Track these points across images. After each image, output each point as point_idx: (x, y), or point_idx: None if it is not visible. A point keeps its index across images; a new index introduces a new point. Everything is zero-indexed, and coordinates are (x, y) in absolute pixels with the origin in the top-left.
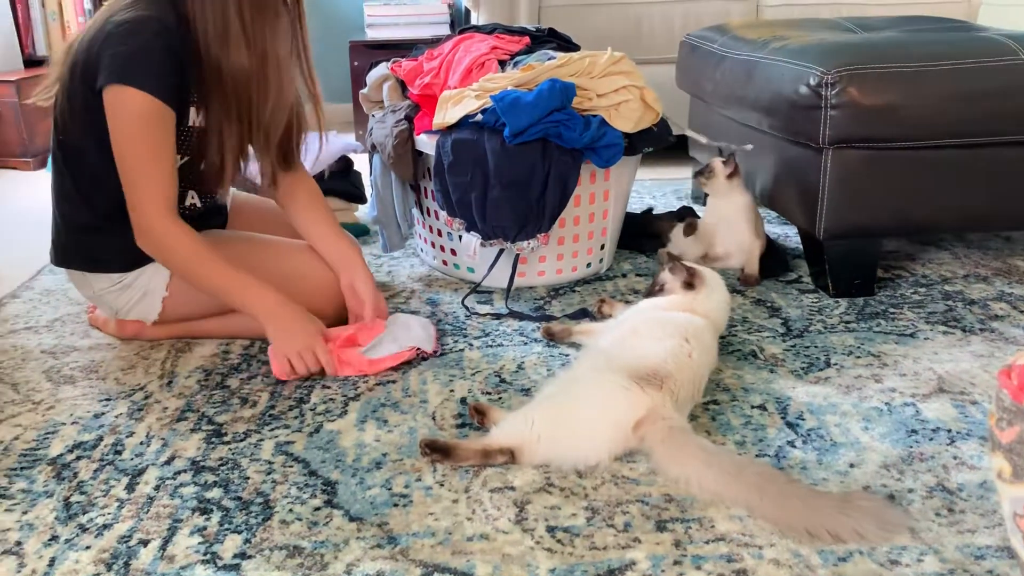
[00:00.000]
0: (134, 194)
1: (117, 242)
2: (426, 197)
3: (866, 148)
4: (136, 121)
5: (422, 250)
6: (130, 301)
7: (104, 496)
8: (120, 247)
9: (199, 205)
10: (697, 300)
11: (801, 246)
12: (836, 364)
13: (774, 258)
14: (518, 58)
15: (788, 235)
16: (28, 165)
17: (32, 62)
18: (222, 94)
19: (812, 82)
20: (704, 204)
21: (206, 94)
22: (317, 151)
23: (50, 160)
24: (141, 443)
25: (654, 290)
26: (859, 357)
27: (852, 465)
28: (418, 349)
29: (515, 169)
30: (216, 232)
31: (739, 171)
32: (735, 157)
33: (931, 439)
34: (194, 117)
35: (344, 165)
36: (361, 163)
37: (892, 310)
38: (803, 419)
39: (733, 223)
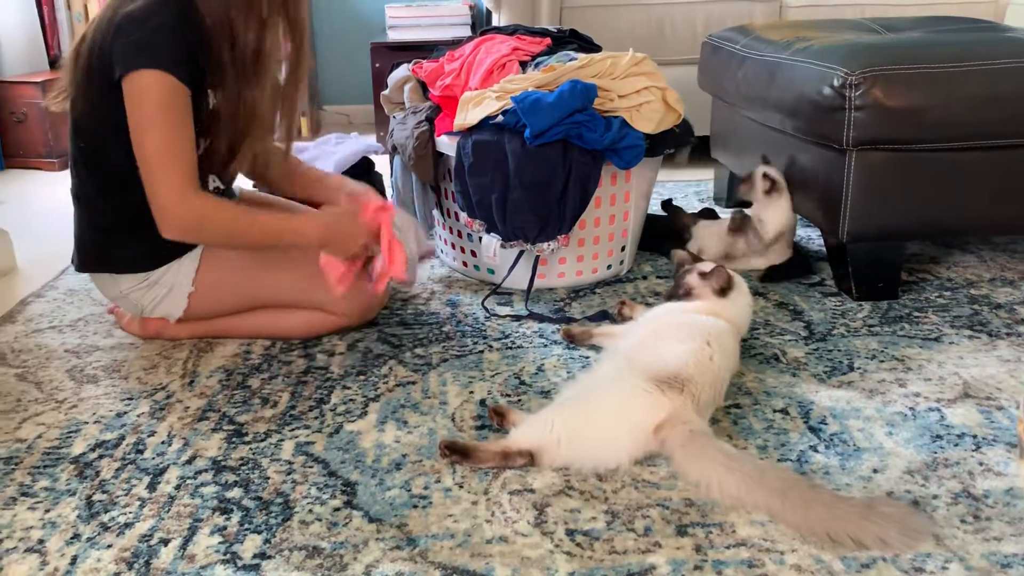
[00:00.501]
0: (155, 176)
1: (142, 241)
2: (446, 198)
3: (890, 150)
4: (154, 102)
5: (442, 251)
6: (156, 298)
7: (126, 495)
8: (146, 246)
9: (222, 188)
10: (722, 304)
11: (824, 248)
12: (859, 368)
13: (797, 261)
14: (539, 59)
15: (811, 237)
16: (53, 165)
17: (57, 63)
18: (228, 75)
19: (836, 83)
20: (725, 206)
21: (215, 75)
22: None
23: (70, 167)
24: (163, 442)
25: (679, 293)
26: (883, 361)
27: (875, 470)
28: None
29: (535, 170)
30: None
31: (778, 187)
32: (776, 169)
33: (956, 445)
34: (212, 99)
35: (365, 166)
36: (382, 164)
37: (916, 314)
38: (826, 424)
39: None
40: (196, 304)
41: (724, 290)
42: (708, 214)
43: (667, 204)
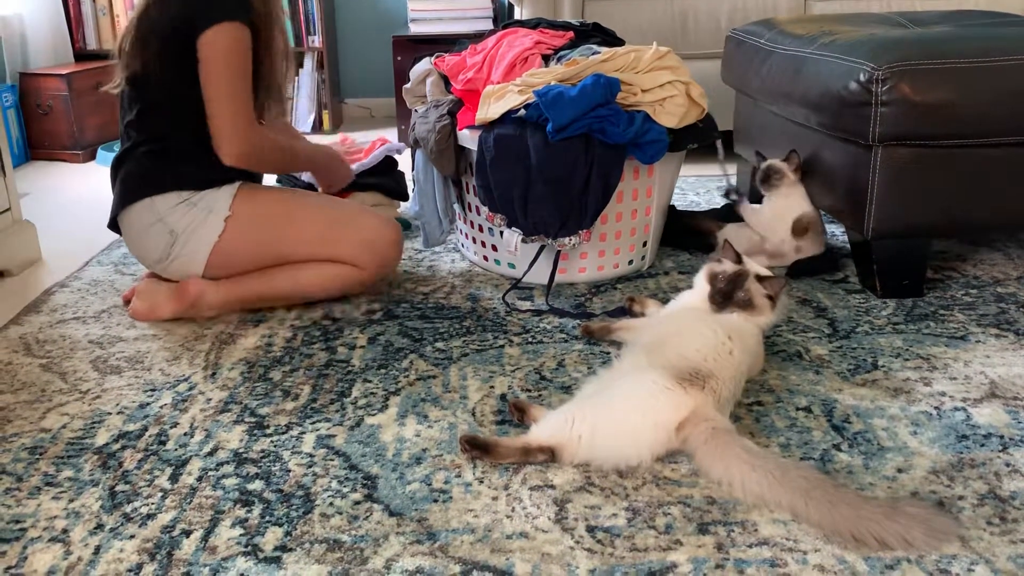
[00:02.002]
0: (225, 114)
1: (195, 160)
2: (468, 192)
3: (917, 146)
4: (228, 52)
5: (463, 245)
6: (193, 223)
7: (148, 486)
8: (196, 165)
9: None
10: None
11: (848, 245)
12: (884, 366)
13: (822, 257)
14: (562, 53)
15: (835, 234)
16: (78, 157)
17: (82, 56)
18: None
19: (862, 78)
20: (750, 200)
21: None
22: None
23: (127, 110)
24: (185, 434)
25: (737, 297)
26: (907, 359)
27: (900, 470)
28: None
29: (557, 165)
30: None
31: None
32: (797, 154)
33: (982, 445)
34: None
35: (387, 163)
36: (404, 162)
37: (942, 312)
38: (849, 422)
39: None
40: (229, 234)
41: (772, 298)
42: (731, 210)
43: (677, 212)
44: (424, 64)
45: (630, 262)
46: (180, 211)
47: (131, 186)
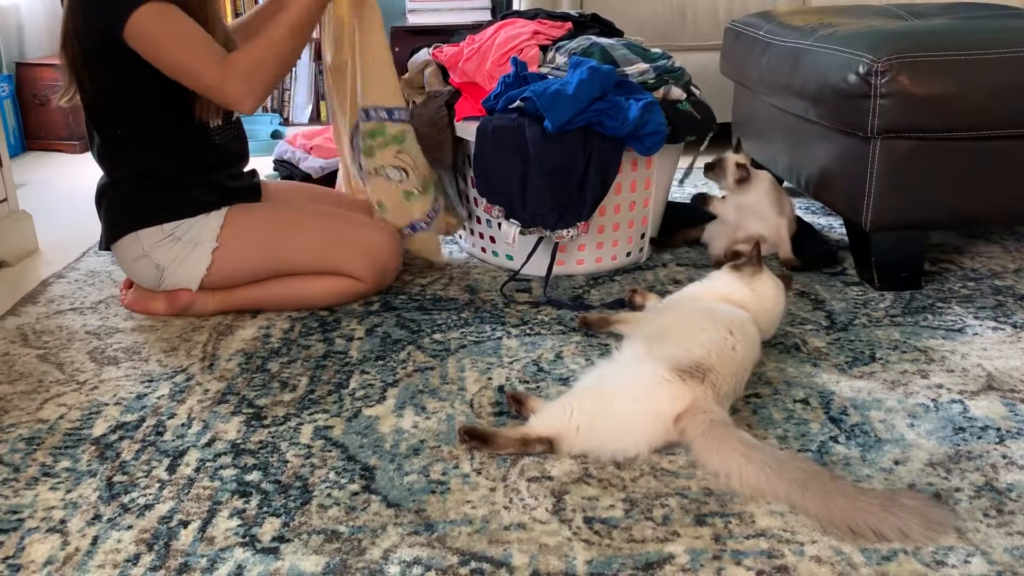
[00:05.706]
0: (204, 83)
1: (174, 187)
2: (466, 184)
3: (916, 138)
4: (161, 34)
5: (460, 236)
6: (178, 257)
7: (146, 477)
8: (178, 191)
9: (221, 124)
10: (740, 294)
11: (846, 237)
12: (881, 359)
13: (821, 249)
14: (560, 43)
15: (833, 226)
16: (74, 148)
17: None
18: None
19: (861, 70)
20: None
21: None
22: None
23: (97, 139)
24: (182, 425)
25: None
26: (905, 352)
27: (897, 462)
28: None
29: (556, 157)
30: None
31: (750, 174)
32: (746, 156)
33: (979, 437)
34: None
35: None
36: None
37: (939, 304)
38: (847, 414)
39: (755, 206)
40: (219, 263)
41: (737, 267)
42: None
43: (677, 206)
44: (422, 55)
45: (628, 254)
46: (164, 247)
47: (114, 220)
